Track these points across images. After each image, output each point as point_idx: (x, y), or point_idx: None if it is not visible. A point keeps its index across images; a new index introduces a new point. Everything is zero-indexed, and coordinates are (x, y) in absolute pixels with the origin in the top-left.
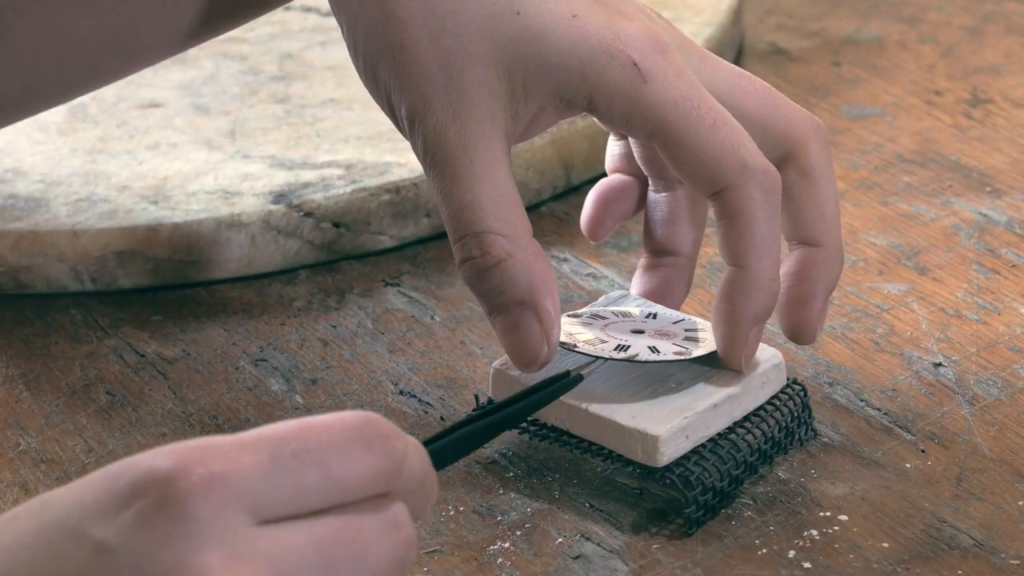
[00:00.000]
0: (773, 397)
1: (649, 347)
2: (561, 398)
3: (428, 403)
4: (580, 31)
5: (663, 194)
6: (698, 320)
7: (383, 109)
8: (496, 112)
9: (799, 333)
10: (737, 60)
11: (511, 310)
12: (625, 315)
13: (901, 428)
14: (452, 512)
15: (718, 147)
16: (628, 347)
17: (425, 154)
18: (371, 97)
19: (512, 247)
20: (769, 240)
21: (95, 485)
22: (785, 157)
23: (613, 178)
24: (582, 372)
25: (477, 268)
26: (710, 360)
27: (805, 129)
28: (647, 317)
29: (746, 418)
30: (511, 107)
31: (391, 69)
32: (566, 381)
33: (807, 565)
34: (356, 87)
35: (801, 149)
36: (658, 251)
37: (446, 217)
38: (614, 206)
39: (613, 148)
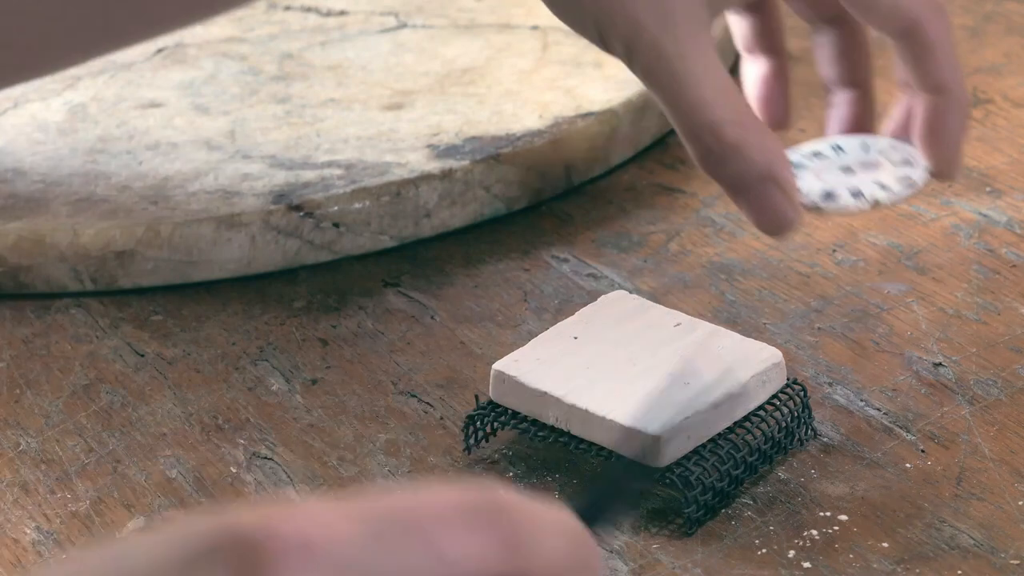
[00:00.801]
0: (773, 397)
1: (876, 183)
2: (561, 398)
3: (428, 403)
4: None
5: (824, 34)
6: (884, 140)
7: (590, 39)
8: (700, 15)
9: (950, 171)
10: (739, 60)
11: (754, 187)
12: (818, 154)
13: (901, 428)
14: None
15: None
16: (859, 192)
17: (646, 72)
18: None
19: (744, 130)
20: (959, 63)
21: (174, 546)
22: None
23: (761, 70)
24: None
25: (716, 157)
26: (707, 360)
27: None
28: (837, 150)
29: (746, 418)
30: (709, 6)
31: (595, 9)
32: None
33: (807, 565)
34: (356, 87)
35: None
36: (838, 86)
37: (677, 120)
38: (779, 92)
39: (741, 28)
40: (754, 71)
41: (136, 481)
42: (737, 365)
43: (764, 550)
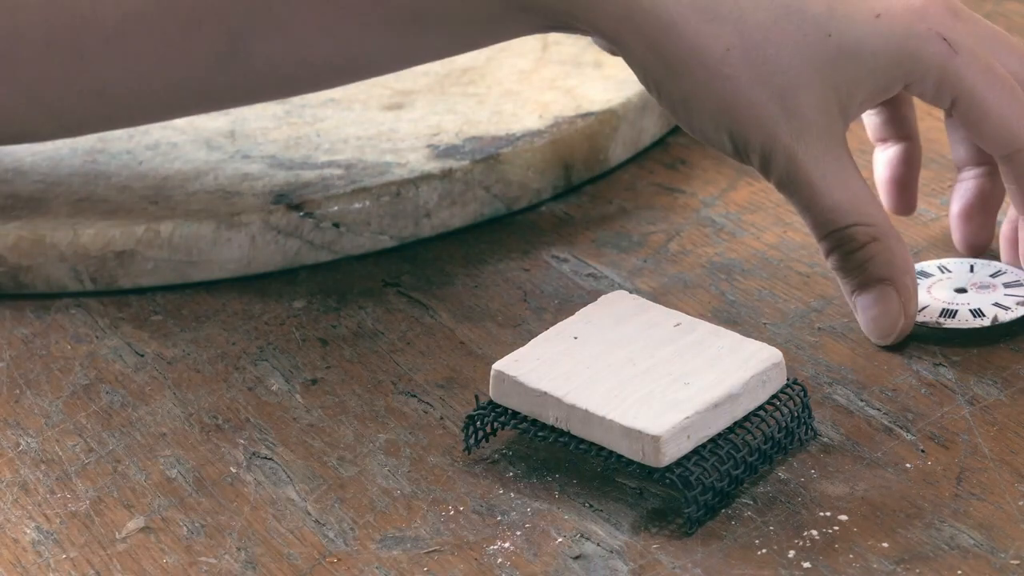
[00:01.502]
0: (773, 397)
1: (995, 304)
2: (561, 398)
3: (428, 403)
4: (888, 27)
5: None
6: (991, 264)
7: (723, 151)
8: (832, 124)
9: None
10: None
11: (872, 286)
12: (925, 274)
13: (901, 428)
14: (452, 512)
15: (1019, 112)
16: (979, 311)
17: (782, 180)
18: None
19: (875, 232)
20: None
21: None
22: None
23: (891, 153)
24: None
25: (843, 251)
26: (707, 360)
27: None
28: (943, 271)
29: (746, 418)
30: (842, 115)
31: (730, 123)
32: None
33: (807, 565)
34: (356, 87)
35: None
36: (967, 165)
37: (812, 224)
38: (908, 176)
39: (872, 121)
40: (884, 156)
41: (136, 481)
42: (737, 365)
43: (764, 550)
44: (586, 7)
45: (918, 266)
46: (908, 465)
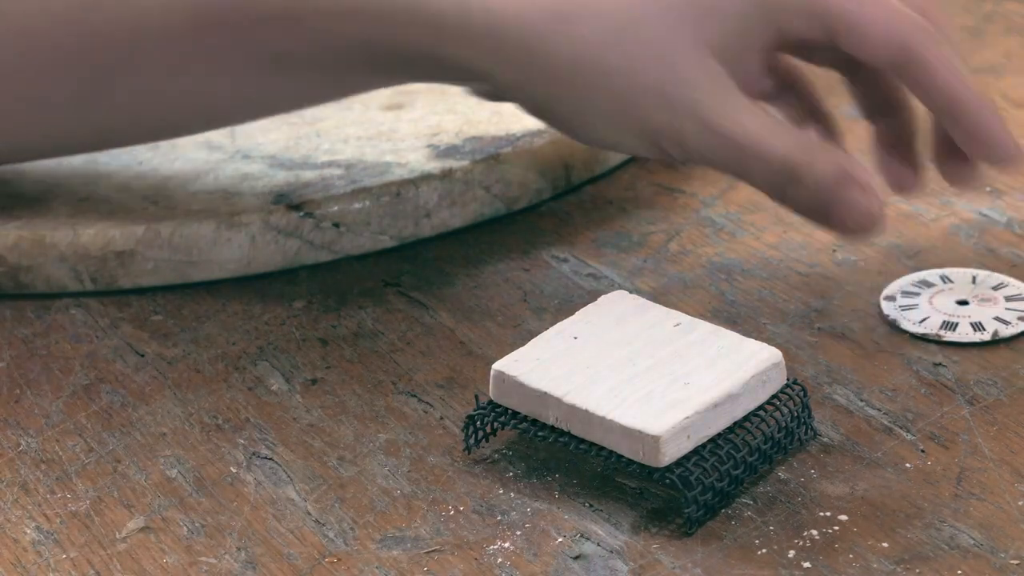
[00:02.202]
0: (773, 397)
1: (996, 319)
2: (561, 397)
3: (428, 403)
4: None
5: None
6: (993, 275)
7: (638, 152)
8: (720, 79)
9: (1011, 157)
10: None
11: (835, 192)
12: (926, 283)
13: (901, 428)
14: (452, 512)
15: (896, 17)
16: (980, 325)
17: (704, 152)
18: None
19: (809, 147)
20: (965, 78)
21: None
22: None
23: (881, 128)
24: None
25: (793, 184)
26: (707, 360)
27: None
28: (945, 280)
29: (746, 418)
30: (726, 68)
31: (628, 119)
32: None
33: (807, 565)
34: None
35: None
36: (873, 115)
37: (753, 177)
38: (904, 148)
39: (859, 99)
40: (875, 133)
41: (136, 481)
42: (737, 365)
43: (764, 550)
44: (453, 43)
45: (921, 275)
46: (908, 465)
